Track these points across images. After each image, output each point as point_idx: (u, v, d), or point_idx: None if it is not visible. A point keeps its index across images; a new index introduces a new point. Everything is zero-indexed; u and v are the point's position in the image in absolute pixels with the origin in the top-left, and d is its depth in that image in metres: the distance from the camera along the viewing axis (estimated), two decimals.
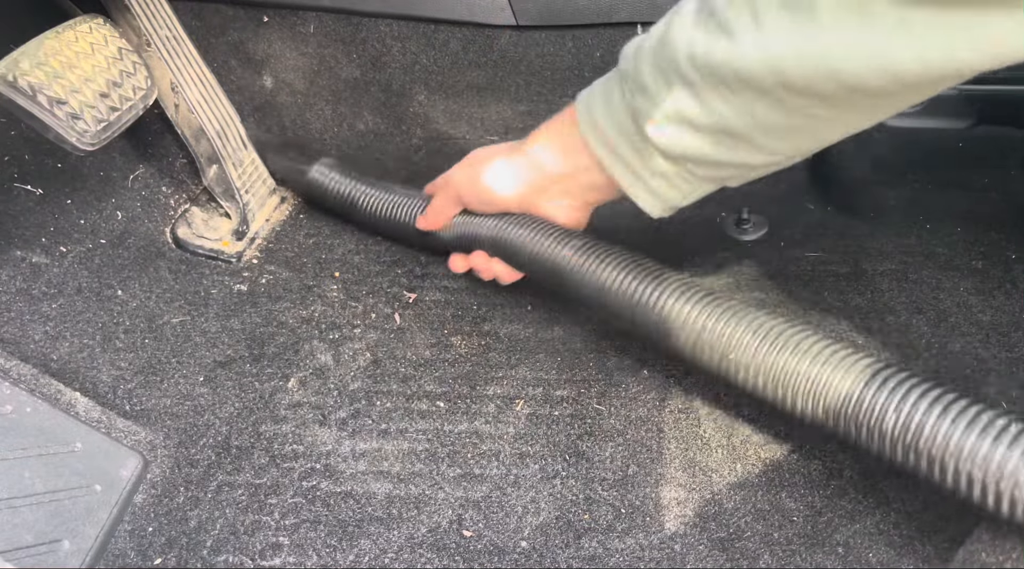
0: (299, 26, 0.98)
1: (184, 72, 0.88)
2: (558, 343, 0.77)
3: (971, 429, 0.44)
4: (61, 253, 0.80)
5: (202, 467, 0.68)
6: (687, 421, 0.69)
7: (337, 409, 0.72)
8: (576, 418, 0.70)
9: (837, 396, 0.50)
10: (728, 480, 0.64)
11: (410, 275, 0.87)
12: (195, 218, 0.93)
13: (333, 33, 0.98)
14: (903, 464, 0.48)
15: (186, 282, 0.85)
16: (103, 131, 0.75)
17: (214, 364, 0.77)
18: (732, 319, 0.55)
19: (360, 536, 0.62)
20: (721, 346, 0.55)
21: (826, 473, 0.64)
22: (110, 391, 0.72)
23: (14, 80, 0.69)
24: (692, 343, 0.57)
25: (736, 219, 0.89)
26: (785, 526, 0.61)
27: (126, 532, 0.63)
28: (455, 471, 0.67)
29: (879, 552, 0.58)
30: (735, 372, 0.55)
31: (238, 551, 0.61)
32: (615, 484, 0.64)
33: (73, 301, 0.78)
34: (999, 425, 0.44)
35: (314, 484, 0.66)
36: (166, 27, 0.87)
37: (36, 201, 0.81)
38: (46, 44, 0.73)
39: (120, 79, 0.78)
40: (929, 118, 0.88)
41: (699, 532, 0.61)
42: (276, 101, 1.02)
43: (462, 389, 0.74)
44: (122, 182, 0.90)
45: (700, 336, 0.56)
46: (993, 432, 0.43)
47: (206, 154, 0.90)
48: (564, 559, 0.60)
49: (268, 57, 1.00)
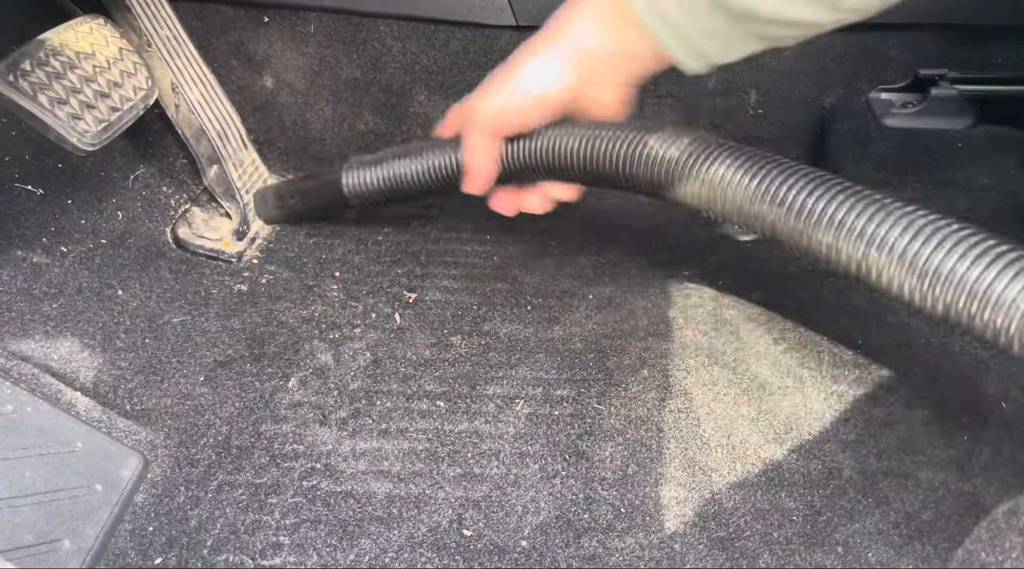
0: (299, 26, 0.98)
1: (185, 72, 0.88)
2: (558, 343, 0.77)
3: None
4: (62, 253, 0.80)
5: (202, 467, 0.68)
6: (687, 421, 0.69)
7: (337, 409, 0.72)
8: (576, 418, 0.70)
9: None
10: (728, 480, 0.64)
11: (410, 275, 0.87)
12: (196, 218, 0.93)
13: (333, 33, 0.98)
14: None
15: (186, 282, 0.85)
16: (104, 131, 0.75)
17: (214, 364, 0.77)
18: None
19: (360, 536, 0.62)
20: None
21: (826, 473, 0.64)
22: (110, 391, 0.73)
23: (15, 80, 0.69)
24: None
25: None
26: (785, 526, 0.61)
27: (127, 532, 0.63)
28: (455, 471, 0.67)
29: (878, 552, 0.58)
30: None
31: (238, 550, 0.61)
32: (615, 484, 0.64)
33: (74, 301, 0.78)
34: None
35: (314, 484, 0.66)
36: (167, 27, 0.87)
37: (37, 201, 0.81)
38: (46, 44, 0.73)
39: (121, 79, 0.78)
40: (929, 118, 0.88)
41: (699, 532, 0.61)
42: (276, 101, 1.02)
43: (462, 389, 0.74)
44: (123, 182, 0.90)
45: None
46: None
47: (207, 154, 0.90)
48: (564, 558, 0.60)
49: (268, 57, 1.00)
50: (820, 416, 0.68)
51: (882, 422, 0.68)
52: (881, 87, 0.93)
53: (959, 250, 0.44)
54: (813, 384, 0.71)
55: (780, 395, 0.70)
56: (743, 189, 0.50)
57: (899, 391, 0.70)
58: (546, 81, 0.57)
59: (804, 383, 0.71)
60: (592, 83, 0.58)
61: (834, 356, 0.73)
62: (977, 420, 0.67)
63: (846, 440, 0.67)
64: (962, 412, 0.68)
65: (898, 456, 0.65)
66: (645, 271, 0.85)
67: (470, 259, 0.89)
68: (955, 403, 0.68)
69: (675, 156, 0.54)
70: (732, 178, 0.51)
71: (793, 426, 0.68)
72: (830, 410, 0.69)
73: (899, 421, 0.68)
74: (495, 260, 0.89)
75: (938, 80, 0.89)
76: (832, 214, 0.47)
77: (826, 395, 0.70)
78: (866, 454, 0.65)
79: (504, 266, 0.88)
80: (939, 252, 0.45)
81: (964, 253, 0.44)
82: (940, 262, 0.44)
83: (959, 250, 0.44)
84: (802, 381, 0.71)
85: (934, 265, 0.44)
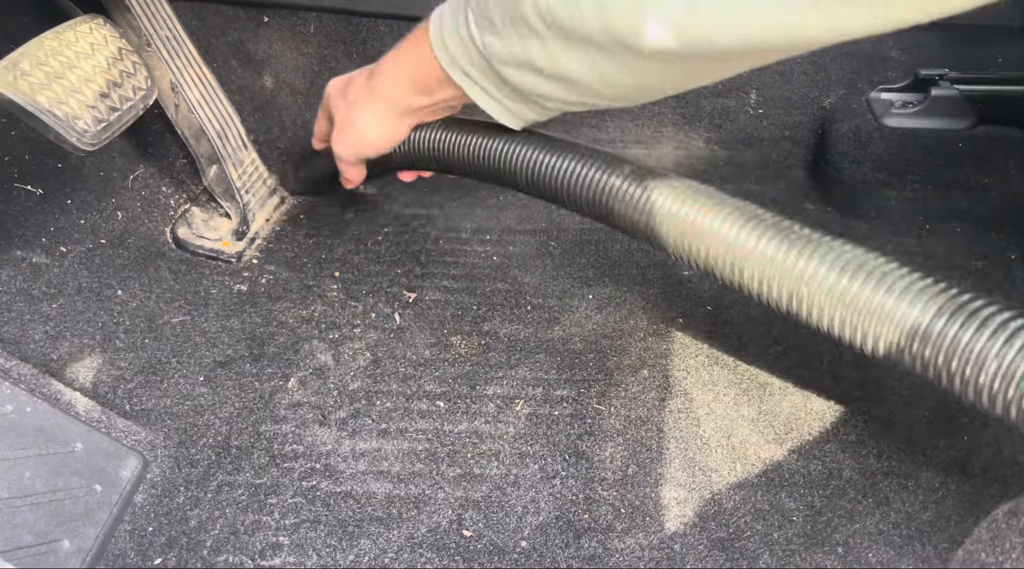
0: (299, 26, 0.98)
1: (184, 72, 0.88)
2: (558, 343, 0.77)
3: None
4: (61, 253, 0.80)
5: (202, 467, 0.68)
6: (687, 421, 0.69)
7: (337, 409, 0.72)
8: (576, 418, 0.70)
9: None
10: (728, 480, 0.64)
11: (410, 275, 0.87)
12: (195, 218, 0.93)
13: (333, 33, 0.98)
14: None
15: (186, 282, 0.85)
16: (103, 131, 0.75)
17: (214, 364, 0.77)
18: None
19: (360, 536, 0.62)
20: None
21: (826, 473, 0.64)
22: (110, 391, 0.72)
23: (14, 80, 0.69)
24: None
25: None
26: (785, 526, 0.61)
27: (126, 532, 0.63)
28: (455, 471, 0.67)
29: (879, 552, 0.58)
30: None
31: (238, 551, 0.61)
32: (615, 484, 0.64)
33: (73, 301, 0.78)
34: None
35: (314, 484, 0.66)
36: (166, 27, 0.87)
37: (36, 201, 0.81)
38: (46, 44, 0.73)
39: (120, 79, 0.78)
40: (929, 118, 0.88)
41: (699, 532, 0.61)
42: (276, 101, 1.02)
43: (462, 389, 0.74)
44: (122, 182, 0.90)
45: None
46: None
47: (206, 154, 0.90)
48: (564, 559, 0.60)
49: (268, 57, 1.00)
50: (820, 416, 0.68)
51: (882, 422, 0.68)
52: (881, 87, 0.93)
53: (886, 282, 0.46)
54: (813, 384, 0.71)
55: (780, 395, 0.70)
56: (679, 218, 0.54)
57: (899, 391, 0.70)
58: (379, 131, 0.67)
59: (804, 383, 0.71)
60: (420, 117, 0.67)
61: (834, 356, 0.73)
62: (977, 420, 0.67)
63: (846, 440, 0.67)
64: (962, 412, 0.68)
65: (898, 456, 0.65)
66: (645, 271, 0.85)
67: (470, 259, 0.89)
68: (955, 403, 0.68)
69: (616, 184, 0.58)
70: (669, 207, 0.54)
71: (793, 426, 0.68)
72: (830, 410, 0.69)
73: (899, 421, 0.68)
74: (495, 260, 0.89)
75: (938, 80, 0.89)
76: (763, 248, 0.50)
77: (826, 395, 0.70)
78: (866, 454, 0.65)
79: (504, 266, 0.88)
80: (866, 286, 0.47)
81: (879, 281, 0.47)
82: (868, 295, 0.46)
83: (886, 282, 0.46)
84: (802, 381, 0.71)
85: (863, 298, 0.47)
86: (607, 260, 0.88)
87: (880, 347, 0.47)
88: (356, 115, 0.67)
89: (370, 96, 0.65)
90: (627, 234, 0.60)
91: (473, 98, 0.58)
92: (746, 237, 0.52)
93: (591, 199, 0.59)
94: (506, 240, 0.91)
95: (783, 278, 0.50)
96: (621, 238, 0.90)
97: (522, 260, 0.88)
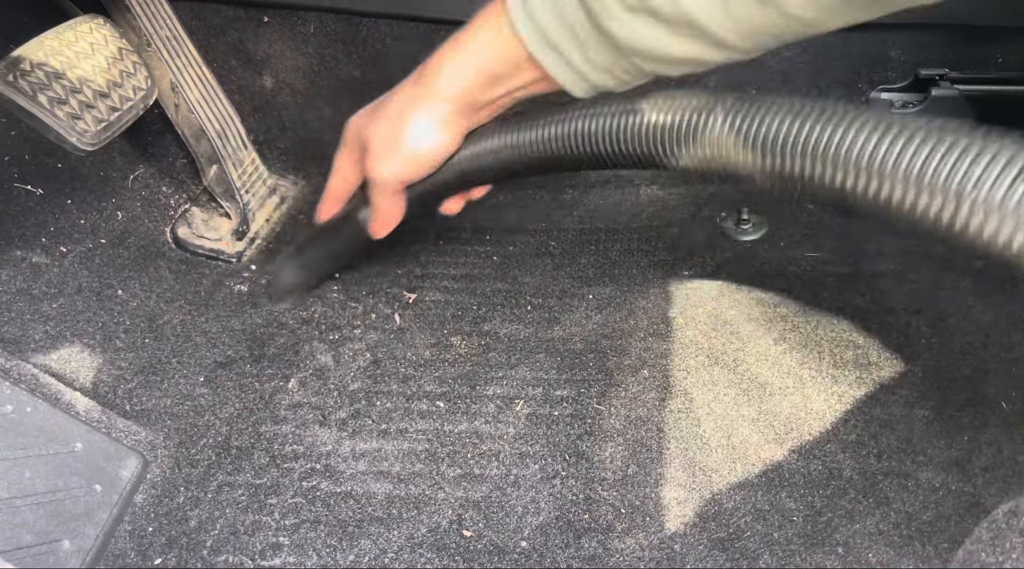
0: (299, 26, 0.98)
1: (184, 72, 0.88)
2: (558, 343, 0.77)
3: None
4: (61, 253, 0.80)
5: (202, 467, 0.68)
6: (687, 421, 0.69)
7: (337, 409, 0.72)
8: (576, 418, 0.70)
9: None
10: (728, 480, 0.64)
11: (410, 275, 0.87)
12: (195, 218, 0.93)
13: (333, 33, 0.98)
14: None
15: (186, 282, 0.85)
16: (103, 131, 0.75)
17: (214, 364, 0.77)
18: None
19: (360, 536, 0.62)
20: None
21: (826, 473, 0.64)
22: (110, 391, 0.72)
23: (14, 80, 0.69)
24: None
25: (736, 219, 0.89)
26: (785, 526, 0.61)
27: (126, 532, 0.63)
28: (455, 471, 0.67)
29: (879, 552, 0.58)
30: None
31: (238, 551, 0.61)
32: (615, 484, 0.64)
33: (73, 301, 0.78)
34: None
35: (314, 484, 0.66)
36: (166, 27, 0.87)
37: (36, 201, 0.81)
38: (46, 44, 0.73)
39: (120, 79, 0.78)
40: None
41: (699, 532, 0.61)
42: (276, 101, 1.02)
43: (462, 389, 0.74)
44: (122, 182, 0.90)
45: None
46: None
47: (206, 154, 0.90)
48: (564, 559, 0.60)
49: (268, 57, 1.00)
50: (820, 416, 0.68)
51: (882, 422, 0.68)
52: (881, 87, 0.93)
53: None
54: (813, 384, 0.71)
55: (780, 395, 0.70)
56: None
57: (899, 391, 0.70)
58: (436, 138, 0.58)
59: (804, 383, 0.71)
60: (478, 118, 0.60)
61: (834, 356, 0.73)
62: (977, 420, 0.67)
63: (846, 440, 0.67)
64: (962, 412, 0.68)
65: (898, 456, 0.65)
66: (645, 271, 0.85)
67: (470, 259, 0.89)
68: (955, 403, 0.68)
69: (673, 121, 0.52)
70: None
71: (793, 426, 0.68)
72: (830, 410, 0.69)
73: (899, 421, 0.68)
74: (495, 260, 0.89)
75: (938, 80, 0.89)
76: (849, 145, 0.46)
77: (826, 395, 0.70)
78: (866, 454, 0.65)
79: (504, 266, 0.88)
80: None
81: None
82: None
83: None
84: (802, 381, 0.71)
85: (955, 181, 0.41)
86: (607, 260, 0.88)
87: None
88: (406, 125, 0.58)
89: (424, 98, 0.58)
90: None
91: (553, 73, 0.53)
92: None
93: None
94: (506, 240, 0.91)
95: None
96: (621, 238, 0.90)
97: (522, 260, 0.88)
